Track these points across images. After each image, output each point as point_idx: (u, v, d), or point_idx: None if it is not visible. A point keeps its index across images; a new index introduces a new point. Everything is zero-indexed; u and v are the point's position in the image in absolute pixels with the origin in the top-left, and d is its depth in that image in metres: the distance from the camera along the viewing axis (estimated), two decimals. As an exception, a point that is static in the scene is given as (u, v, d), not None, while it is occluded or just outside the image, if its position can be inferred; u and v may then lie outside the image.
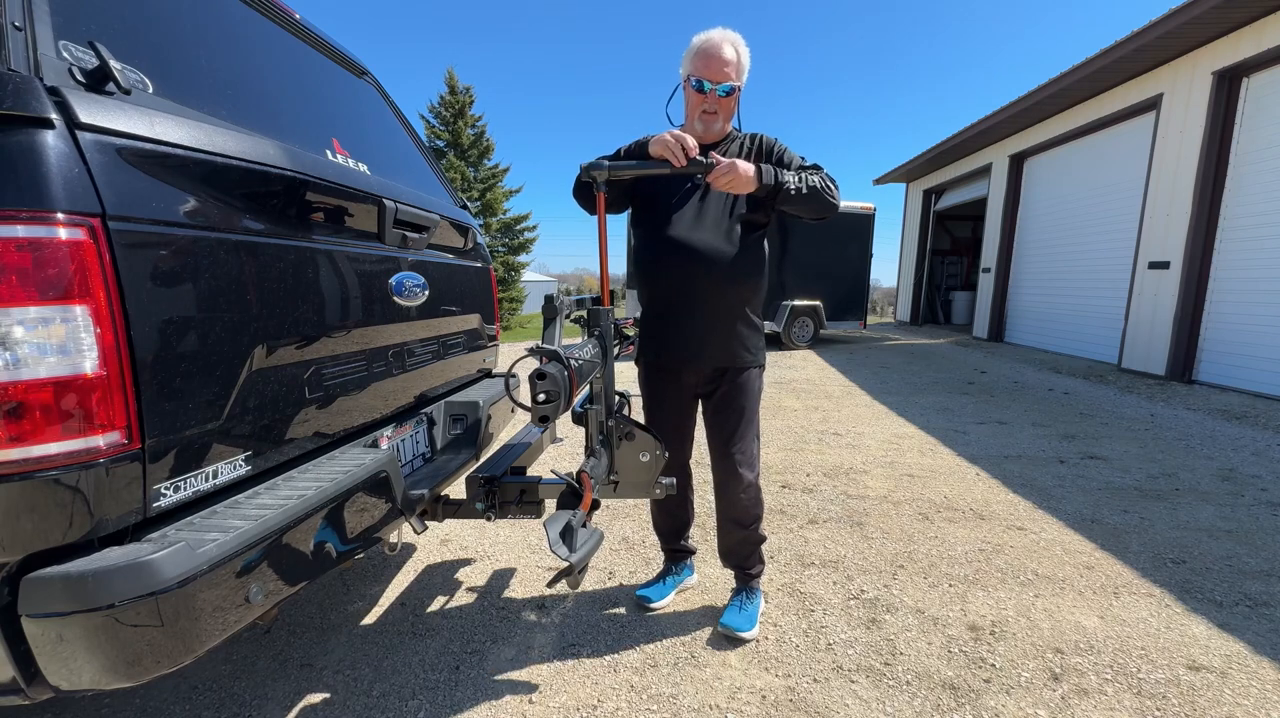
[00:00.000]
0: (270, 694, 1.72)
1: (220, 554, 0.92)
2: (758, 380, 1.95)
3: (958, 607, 2.14)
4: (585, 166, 1.70)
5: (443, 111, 16.92)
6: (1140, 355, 7.12)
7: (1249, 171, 6.04)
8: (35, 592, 0.82)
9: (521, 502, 1.76)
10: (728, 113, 1.82)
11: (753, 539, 2.02)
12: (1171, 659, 1.85)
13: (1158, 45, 6.45)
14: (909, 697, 1.69)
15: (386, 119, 2.16)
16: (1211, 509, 3.04)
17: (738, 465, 1.92)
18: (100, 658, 0.84)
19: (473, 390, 2.16)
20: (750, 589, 2.07)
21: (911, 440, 4.36)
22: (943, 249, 16.10)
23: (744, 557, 2.05)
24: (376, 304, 1.54)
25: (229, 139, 1.11)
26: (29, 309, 0.82)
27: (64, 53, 0.92)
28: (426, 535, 2.76)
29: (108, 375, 0.87)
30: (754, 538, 2.02)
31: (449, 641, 1.97)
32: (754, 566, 2.07)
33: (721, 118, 1.82)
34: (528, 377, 1.24)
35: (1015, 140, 10.12)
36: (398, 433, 1.67)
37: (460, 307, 2.06)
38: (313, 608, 2.18)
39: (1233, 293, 6.17)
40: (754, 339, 1.91)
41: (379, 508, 1.35)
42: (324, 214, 1.37)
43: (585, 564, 1.32)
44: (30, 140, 0.81)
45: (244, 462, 1.13)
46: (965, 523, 2.88)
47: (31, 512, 0.83)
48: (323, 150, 1.49)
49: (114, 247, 0.87)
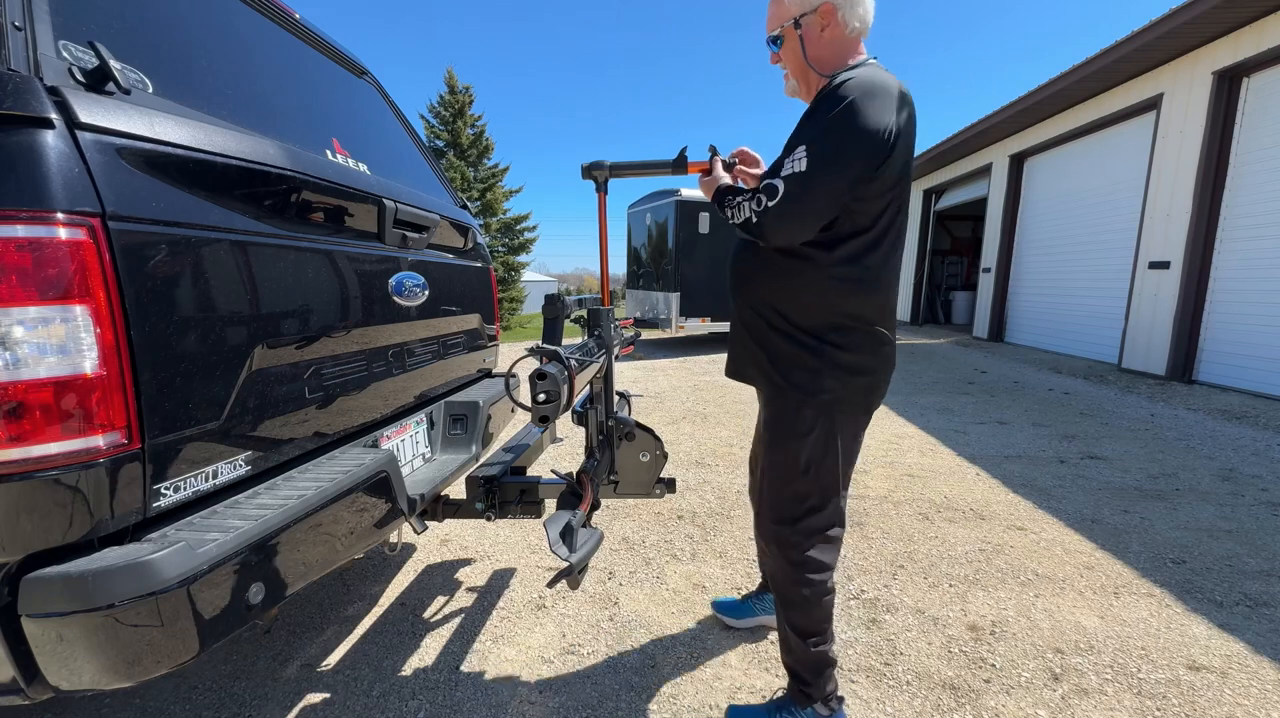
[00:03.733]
0: (270, 694, 1.72)
1: (220, 554, 0.92)
2: (793, 412, 1.43)
3: (958, 607, 2.14)
4: (586, 166, 1.71)
5: (442, 111, 16.93)
6: (1140, 355, 7.12)
7: (1249, 172, 6.04)
8: (35, 592, 0.82)
9: (521, 502, 1.77)
10: (794, 67, 1.47)
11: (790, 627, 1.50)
12: (1171, 659, 1.85)
13: (1158, 45, 6.45)
14: (909, 697, 1.69)
15: (386, 119, 2.17)
16: (1212, 509, 3.04)
17: (756, 517, 1.59)
18: (100, 658, 0.84)
19: (473, 390, 2.15)
20: (785, 706, 1.54)
21: (911, 440, 4.36)
22: (943, 249, 16.09)
23: (787, 650, 1.55)
24: (376, 304, 1.54)
25: (229, 139, 1.11)
26: (29, 309, 0.82)
27: (64, 53, 0.93)
28: (426, 535, 2.76)
29: (107, 375, 0.87)
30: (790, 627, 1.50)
31: (449, 641, 1.97)
32: (798, 674, 1.53)
33: (793, 75, 1.50)
34: (528, 377, 1.24)
35: (1015, 140, 10.11)
36: (398, 433, 1.67)
37: (460, 307, 2.06)
38: (313, 608, 2.18)
39: (1233, 293, 6.17)
40: (779, 358, 1.44)
41: (379, 508, 1.35)
42: (324, 214, 1.37)
43: (585, 564, 1.32)
44: (30, 140, 0.81)
45: (244, 462, 1.13)
46: (965, 523, 2.88)
47: (31, 512, 0.83)
48: (323, 150, 1.49)
49: (114, 246, 0.88)
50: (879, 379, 1.45)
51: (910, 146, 1.33)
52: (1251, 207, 6.01)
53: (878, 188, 1.30)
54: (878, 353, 1.42)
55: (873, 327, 1.40)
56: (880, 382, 1.45)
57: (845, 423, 1.45)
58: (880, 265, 1.37)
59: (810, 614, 1.48)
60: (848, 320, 1.38)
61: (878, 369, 1.43)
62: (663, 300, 9.95)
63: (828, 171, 1.24)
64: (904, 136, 1.29)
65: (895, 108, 1.27)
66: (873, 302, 1.39)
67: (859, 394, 1.43)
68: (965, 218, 15.35)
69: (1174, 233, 6.70)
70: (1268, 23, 5.65)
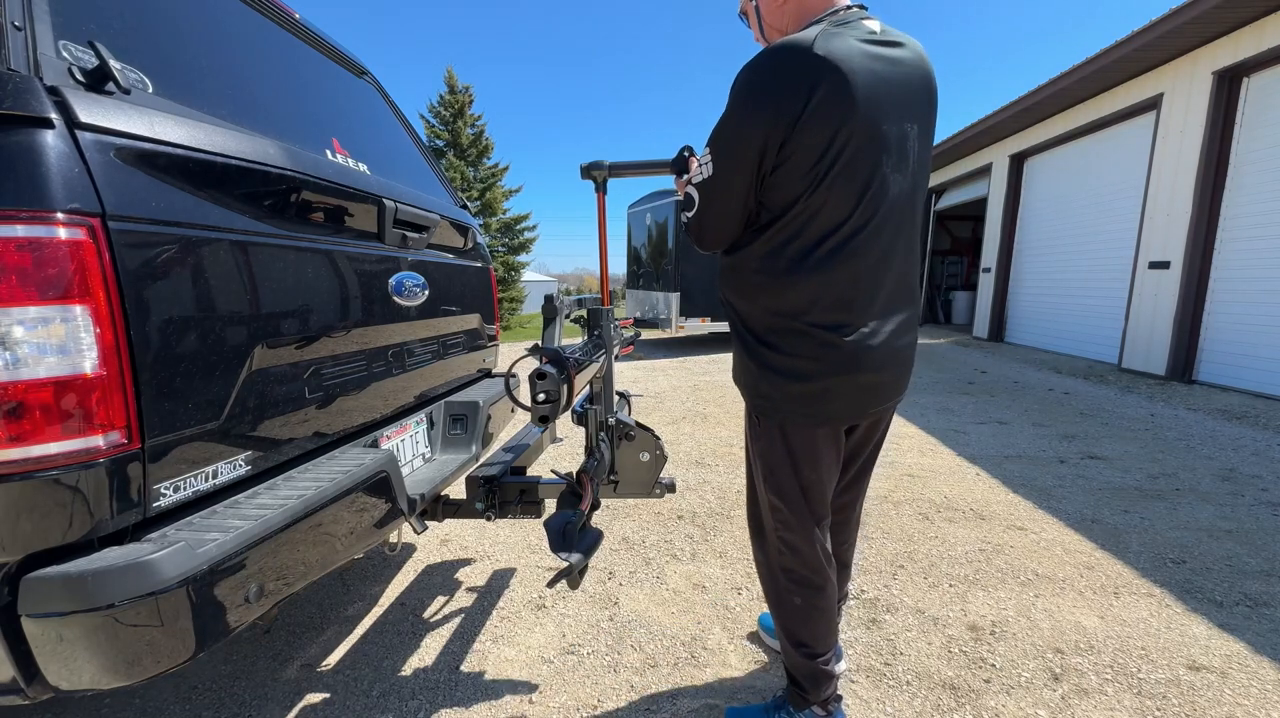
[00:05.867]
0: (270, 694, 1.72)
1: (220, 554, 0.92)
2: (749, 418, 1.42)
3: (958, 607, 2.14)
4: (586, 166, 1.71)
5: (442, 111, 16.93)
6: (1140, 355, 7.12)
7: (1249, 172, 6.03)
8: (35, 592, 0.82)
9: (521, 502, 1.77)
10: (760, 42, 1.39)
11: (783, 632, 1.49)
12: (1171, 659, 1.85)
13: (1158, 45, 6.44)
14: (909, 697, 1.69)
15: (386, 119, 2.17)
16: (1212, 509, 3.04)
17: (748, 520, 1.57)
18: (100, 658, 0.84)
19: (473, 390, 2.15)
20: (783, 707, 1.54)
21: (911, 440, 4.36)
22: (943, 249, 16.10)
23: (785, 653, 1.52)
24: (376, 304, 1.54)
25: (229, 139, 1.11)
26: (29, 309, 0.82)
27: (64, 53, 0.92)
28: (426, 535, 2.76)
29: (107, 375, 0.87)
30: (783, 631, 1.49)
31: (449, 641, 1.97)
32: (795, 679, 1.51)
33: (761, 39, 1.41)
34: (528, 377, 1.24)
35: (1015, 140, 10.11)
36: (398, 433, 1.67)
37: (460, 307, 2.06)
38: (313, 608, 2.18)
39: (1233, 293, 6.16)
40: (738, 361, 1.39)
41: (379, 508, 1.35)
42: (324, 214, 1.37)
43: (585, 564, 1.32)
44: (30, 140, 0.81)
45: (244, 462, 1.13)
46: (965, 523, 2.88)
47: (31, 512, 0.83)
48: (322, 150, 1.49)
49: (114, 246, 0.87)
50: (828, 386, 1.24)
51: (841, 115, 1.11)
52: (1251, 206, 6.01)
53: (789, 172, 1.15)
54: (821, 356, 1.23)
55: (810, 324, 1.22)
56: (832, 389, 1.25)
57: (795, 435, 1.31)
58: (811, 252, 1.19)
59: (802, 624, 1.44)
60: (780, 320, 1.25)
61: (822, 374, 1.24)
62: (663, 300, 9.95)
63: (727, 171, 1.18)
64: (822, 109, 1.09)
65: (796, 79, 1.09)
66: (803, 295, 1.21)
67: (800, 403, 1.27)
68: (965, 218, 15.36)
69: (1174, 233, 6.70)
70: (1268, 23, 5.65)
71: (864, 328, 1.23)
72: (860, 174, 1.16)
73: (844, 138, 1.12)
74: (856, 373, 1.24)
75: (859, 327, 1.23)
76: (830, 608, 1.44)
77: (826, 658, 1.45)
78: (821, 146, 1.12)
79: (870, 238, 1.20)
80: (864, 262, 1.21)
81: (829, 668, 1.46)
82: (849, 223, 1.18)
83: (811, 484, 1.35)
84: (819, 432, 1.31)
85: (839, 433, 1.35)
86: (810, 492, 1.35)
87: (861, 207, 1.18)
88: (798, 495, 1.35)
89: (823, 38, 1.10)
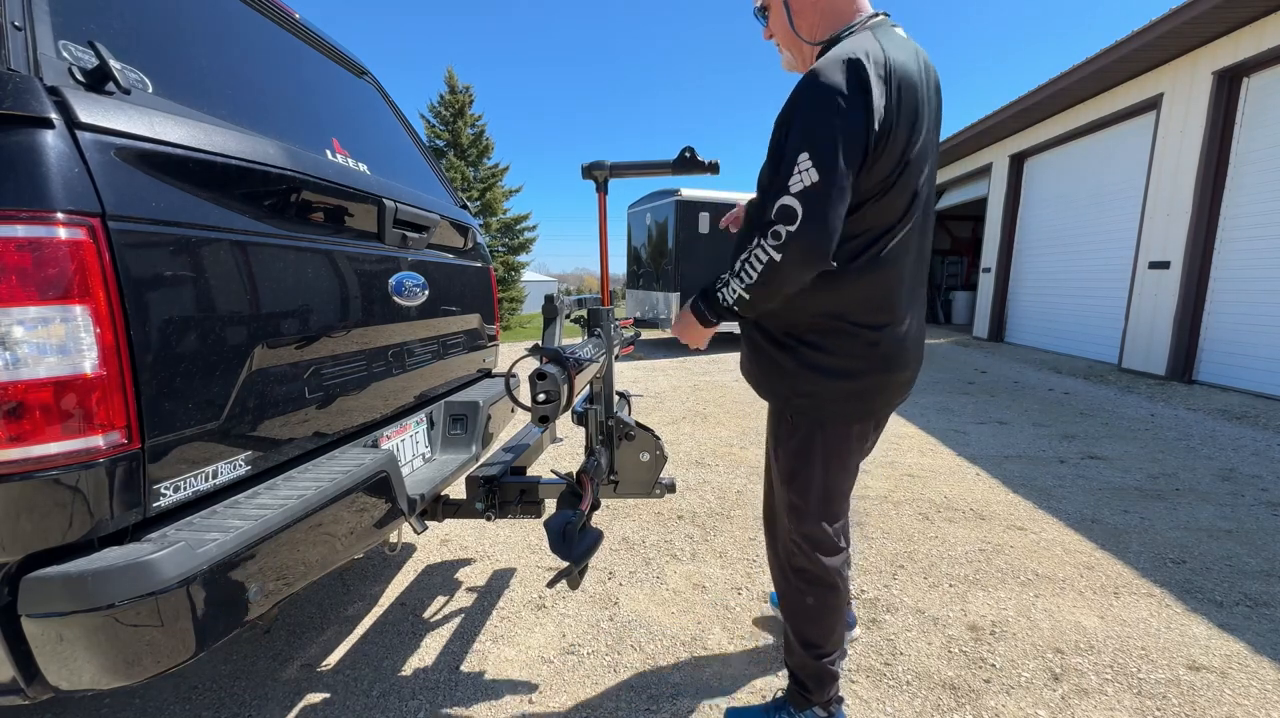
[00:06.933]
0: (270, 694, 1.72)
1: (220, 554, 0.92)
2: (775, 418, 1.42)
3: (958, 607, 2.14)
4: (586, 166, 1.71)
5: (442, 111, 16.92)
6: (1140, 355, 7.12)
7: (1249, 171, 6.04)
8: (35, 592, 0.82)
9: (521, 502, 1.77)
10: (784, 39, 1.39)
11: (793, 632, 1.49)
12: (1171, 659, 1.85)
13: (1158, 45, 6.45)
14: (909, 697, 1.69)
15: (386, 119, 2.17)
16: (1212, 509, 3.04)
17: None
18: (100, 658, 0.84)
19: (473, 390, 2.15)
20: (784, 707, 1.53)
21: (911, 440, 4.36)
22: (943, 249, 16.10)
23: (789, 652, 1.52)
24: (376, 304, 1.54)
25: (229, 139, 1.11)
26: (29, 309, 0.82)
27: (64, 53, 0.92)
28: (426, 535, 2.76)
29: (107, 375, 0.87)
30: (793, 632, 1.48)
31: (449, 641, 1.97)
32: (799, 678, 1.50)
33: (785, 48, 1.41)
34: (528, 377, 1.24)
35: (1015, 140, 10.11)
36: (398, 433, 1.67)
37: (460, 307, 2.06)
38: (313, 608, 2.18)
39: (1233, 293, 6.17)
40: (764, 363, 1.38)
41: (379, 508, 1.35)
42: (324, 214, 1.37)
43: (585, 564, 1.32)
44: (30, 140, 0.81)
45: (244, 462, 1.13)
46: (965, 523, 2.88)
47: (31, 512, 0.83)
48: (322, 150, 1.49)
49: (114, 246, 0.87)
50: (869, 384, 1.29)
51: (912, 123, 1.17)
52: (1251, 206, 6.01)
53: (869, 176, 1.16)
54: (866, 354, 1.27)
55: (856, 324, 1.25)
56: (871, 387, 1.29)
57: (831, 433, 1.33)
58: (863, 253, 1.22)
59: (813, 623, 1.45)
60: (824, 320, 1.26)
61: (866, 372, 1.28)
62: (663, 300, 9.95)
63: (837, 172, 1.10)
64: (904, 116, 1.15)
65: (883, 86, 1.12)
66: (852, 296, 1.24)
67: (845, 401, 1.30)
68: (965, 218, 15.36)
69: (1174, 233, 6.70)
70: (1268, 23, 5.65)
71: (900, 326, 1.30)
72: (914, 178, 1.22)
73: (914, 144, 1.19)
74: (895, 370, 1.31)
75: (896, 325, 1.29)
76: (841, 608, 1.47)
77: (833, 658, 1.47)
78: (899, 152, 1.17)
79: (911, 238, 1.27)
80: (906, 262, 1.27)
81: (835, 668, 1.48)
82: (899, 225, 1.24)
83: (836, 483, 1.39)
84: (854, 429, 1.35)
85: (867, 431, 1.40)
86: (832, 491, 1.39)
87: (911, 209, 1.24)
88: (820, 495, 1.38)
89: (888, 47, 1.16)
